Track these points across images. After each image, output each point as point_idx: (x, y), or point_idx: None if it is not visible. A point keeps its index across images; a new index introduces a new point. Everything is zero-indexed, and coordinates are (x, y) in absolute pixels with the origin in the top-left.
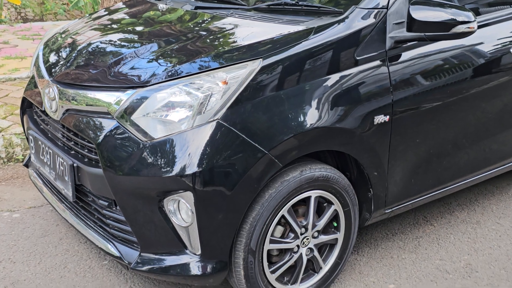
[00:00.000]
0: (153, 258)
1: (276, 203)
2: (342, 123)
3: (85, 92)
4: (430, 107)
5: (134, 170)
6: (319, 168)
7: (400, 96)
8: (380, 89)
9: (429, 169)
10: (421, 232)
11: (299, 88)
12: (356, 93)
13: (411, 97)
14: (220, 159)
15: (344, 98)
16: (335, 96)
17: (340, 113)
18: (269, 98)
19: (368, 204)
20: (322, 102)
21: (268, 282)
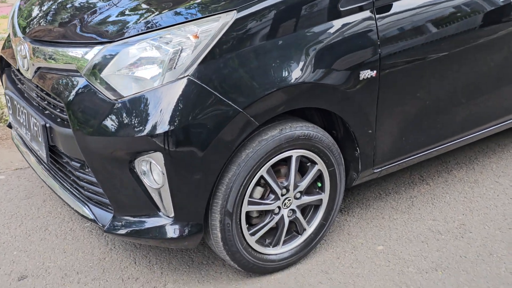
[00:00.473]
0: (126, 221)
1: (253, 163)
2: (323, 79)
3: (54, 49)
4: (423, 62)
5: (102, 130)
6: (300, 126)
7: (388, 50)
8: (366, 42)
9: (422, 127)
10: (416, 192)
11: (276, 42)
12: (339, 47)
13: (401, 50)
14: (191, 118)
15: (326, 53)
16: (315, 51)
17: (321, 68)
18: (244, 53)
19: (355, 163)
20: (301, 57)
21: (248, 245)
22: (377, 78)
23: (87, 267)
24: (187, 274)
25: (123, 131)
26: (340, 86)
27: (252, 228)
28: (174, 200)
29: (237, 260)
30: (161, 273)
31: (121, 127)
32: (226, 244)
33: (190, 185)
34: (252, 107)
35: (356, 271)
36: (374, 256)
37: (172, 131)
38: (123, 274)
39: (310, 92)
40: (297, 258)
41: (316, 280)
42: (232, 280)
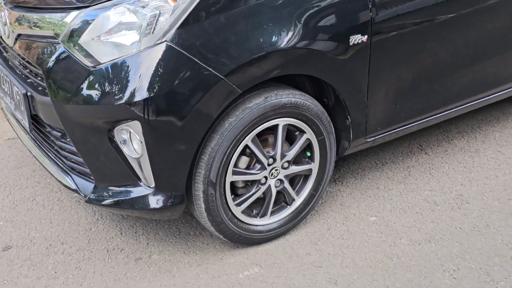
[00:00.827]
0: (107, 191)
1: (237, 132)
2: (310, 44)
3: (32, 14)
4: (418, 26)
5: (80, 99)
6: (287, 94)
7: (381, 14)
8: (357, 5)
9: (418, 94)
10: (414, 162)
11: (259, 5)
12: (328, 10)
13: (395, 14)
14: (170, 85)
15: (312, 16)
16: (301, 14)
17: (308, 32)
18: (225, 17)
19: (347, 132)
20: (286, 21)
21: (233, 215)
22: (369, 44)
23: (72, 237)
24: (173, 245)
25: (100, 99)
26: (329, 52)
27: (238, 198)
28: (154, 170)
29: (222, 231)
30: (147, 243)
31: (98, 95)
32: (210, 214)
33: (170, 155)
34: (234, 74)
35: (347, 243)
36: (366, 227)
37: (150, 99)
38: (108, 244)
39: (297, 58)
40: (285, 229)
41: (305, 252)
42: (219, 251)
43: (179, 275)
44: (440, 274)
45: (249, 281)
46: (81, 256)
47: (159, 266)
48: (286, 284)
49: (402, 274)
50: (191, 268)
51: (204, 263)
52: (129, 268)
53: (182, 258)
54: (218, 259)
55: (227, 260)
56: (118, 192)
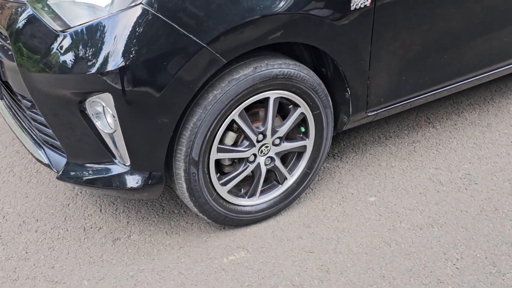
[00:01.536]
0: (80, 168)
1: (222, 106)
2: (305, 8)
3: None
4: None
5: (46, 66)
6: (279, 64)
7: None
8: None
9: (426, 65)
10: (420, 136)
11: None
12: None
13: None
14: (145, 53)
15: None
16: None
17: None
18: None
19: (346, 105)
20: None
21: (218, 195)
22: (372, 8)
23: (48, 214)
24: (155, 224)
25: (67, 68)
26: (326, 18)
27: (224, 177)
28: (129, 147)
29: (206, 212)
30: (127, 222)
31: (66, 64)
32: (192, 195)
33: (146, 131)
34: (217, 42)
35: (342, 225)
36: (364, 208)
37: (122, 69)
38: (86, 222)
39: (289, 24)
40: (276, 209)
41: (296, 235)
42: (203, 233)
43: (158, 259)
44: (441, 263)
45: (233, 267)
46: (56, 235)
47: (138, 247)
48: (274, 271)
49: (400, 262)
50: (172, 251)
51: (186, 245)
52: (105, 250)
53: (164, 240)
54: (202, 241)
55: (212, 243)
56: (91, 170)
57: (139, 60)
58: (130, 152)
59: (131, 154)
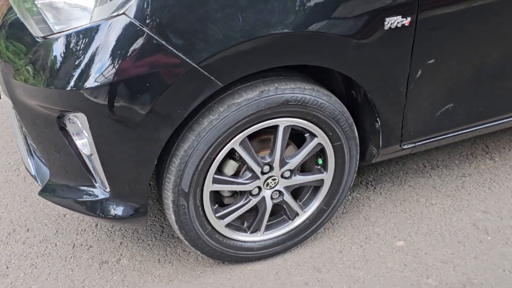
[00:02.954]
0: (62, 186)
1: (218, 133)
2: (321, 26)
3: None
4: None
5: (23, 75)
6: (291, 88)
7: None
8: None
9: (479, 94)
10: (473, 169)
11: None
12: None
13: None
14: (125, 70)
15: None
16: None
17: (321, 11)
18: None
19: (375, 137)
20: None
21: (214, 230)
22: (413, 29)
23: (41, 224)
24: (149, 248)
25: (41, 80)
26: (351, 38)
27: (222, 209)
28: (107, 173)
29: (199, 247)
30: (120, 243)
31: (40, 75)
32: (182, 228)
33: (126, 157)
34: (211, 63)
35: (358, 274)
36: (389, 254)
37: (97, 88)
38: (77, 238)
39: (300, 45)
40: (284, 247)
41: (302, 280)
42: (199, 265)
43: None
44: None
45: None
46: (43, 250)
47: (125, 275)
48: None
49: None
50: (160, 284)
51: (177, 279)
52: (90, 273)
53: (154, 269)
54: (195, 276)
55: (205, 279)
56: (71, 191)
57: (118, 77)
58: (109, 179)
59: (110, 181)
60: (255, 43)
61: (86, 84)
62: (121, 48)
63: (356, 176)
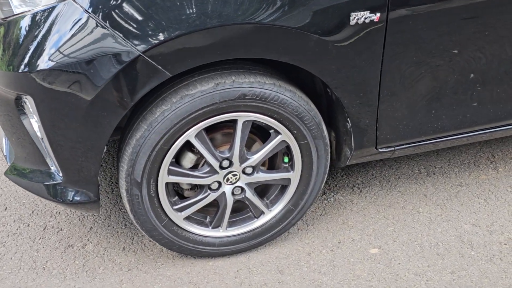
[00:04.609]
0: (23, 169)
1: (170, 124)
2: (279, 18)
3: None
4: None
5: None
6: (250, 82)
7: None
8: None
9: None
10: (471, 178)
11: None
12: None
13: None
14: (70, 56)
15: None
16: None
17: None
18: None
19: (348, 137)
20: None
21: (171, 222)
22: (383, 24)
23: (19, 203)
24: (117, 236)
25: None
26: (313, 32)
27: (181, 202)
28: (57, 158)
29: (156, 238)
30: (90, 228)
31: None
32: (137, 218)
33: (73, 143)
34: (158, 52)
35: (321, 279)
36: (359, 261)
37: (43, 72)
38: (49, 221)
39: (255, 37)
40: (248, 246)
41: (262, 280)
42: (162, 256)
43: (100, 279)
44: None
45: None
46: (15, 229)
47: (87, 260)
48: None
49: None
50: (119, 273)
51: (136, 268)
52: (53, 256)
53: (117, 257)
54: (154, 267)
55: (164, 272)
56: (30, 173)
57: (63, 63)
58: (60, 163)
59: (60, 166)
60: (203, 34)
61: (33, 67)
62: (67, 33)
63: (344, 178)
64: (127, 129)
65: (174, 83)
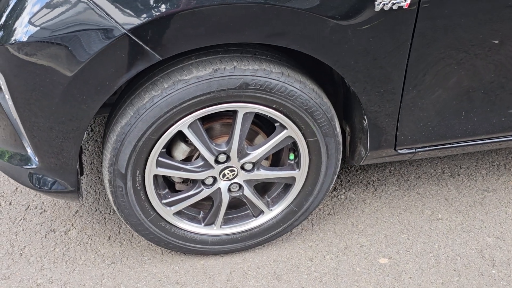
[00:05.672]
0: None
1: (160, 112)
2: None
3: None
4: None
5: None
6: (254, 69)
7: None
8: None
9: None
10: (500, 183)
11: None
12: None
13: None
14: (47, 29)
15: None
16: None
17: None
18: None
19: (363, 136)
20: None
21: (159, 216)
22: (414, 11)
23: (4, 178)
24: (103, 223)
25: None
26: (331, 18)
27: (171, 196)
28: (32, 142)
29: (141, 233)
30: (75, 212)
31: None
32: (121, 211)
33: (49, 126)
34: (146, 31)
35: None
36: (365, 272)
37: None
38: (32, 200)
39: (264, 19)
40: (244, 246)
41: (256, 286)
42: (150, 250)
43: (79, 271)
44: None
45: None
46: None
47: (68, 248)
48: None
49: None
50: (101, 265)
51: (120, 262)
52: (32, 241)
53: (101, 246)
54: (140, 262)
55: (149, 268)
56: (9, 156)
57: (38, 36)
58: (34, 148)
59: (35, 150)
60: (199, 13)
61: (4, 40)
62: (42, 4)
63: (358, 173)
64: (113, 113)
65: (167, 65)
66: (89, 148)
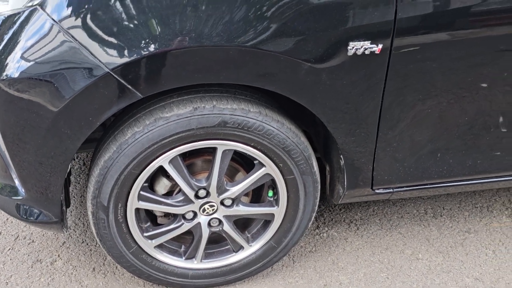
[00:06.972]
0: None
1: (141, 148)
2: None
3: None
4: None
5: None
6: (232, 108)
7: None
8: None
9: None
10: (482, 225)
11: None
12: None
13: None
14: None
15: None
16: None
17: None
18: None
19: (341, 175)
20: None
21: (140, 249)
22: (386, 57)
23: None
24: (89, 254)
25: None
26: (306, 61)
27: (152, 229)
28: (18, 173)
29: (123, 265)
30: (62, 243)
31: None
32: (104, 243)
33: (34, 159)
34: (129, 70)
35: None
36: None
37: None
38: (22, 230)
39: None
40: (224, 281)
41: None
42: (132, 283)
43: None
44: None
45: None
46: None
47: (52, 279)
48: None
49: None
50: None
51: None
52: (19, 271)
53: (85, 278)
54: None
55: None
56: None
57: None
58: (20, 179)
59: (21, 181)
60: (179, 55)
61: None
62: (32, 43)
63: (341, 212)
64: (98, 148)
65: (149, 103)
66: (80, 182)
